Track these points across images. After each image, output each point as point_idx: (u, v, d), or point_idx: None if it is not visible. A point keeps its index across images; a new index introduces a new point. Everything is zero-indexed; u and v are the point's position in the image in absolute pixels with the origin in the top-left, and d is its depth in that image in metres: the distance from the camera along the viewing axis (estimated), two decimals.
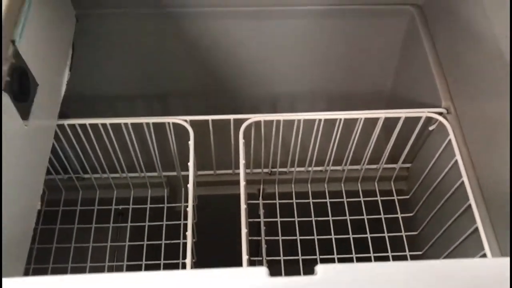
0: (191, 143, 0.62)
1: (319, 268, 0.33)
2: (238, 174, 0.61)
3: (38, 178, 0.57)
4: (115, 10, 0.73)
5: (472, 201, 0.59)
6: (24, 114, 0.51)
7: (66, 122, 0.63)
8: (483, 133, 0.60)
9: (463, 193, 0.61)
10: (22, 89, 0.50)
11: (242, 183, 0.59)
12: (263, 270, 0.33)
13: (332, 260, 0.74)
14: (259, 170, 0.78)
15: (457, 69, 0.66)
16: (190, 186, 0.58)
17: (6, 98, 0.47)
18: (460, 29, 0.64)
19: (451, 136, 0.63)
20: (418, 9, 0.75)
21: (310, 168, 0.77)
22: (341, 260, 0.75)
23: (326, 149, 0.74)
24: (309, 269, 0.34)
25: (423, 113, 0.66)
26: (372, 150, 0.73)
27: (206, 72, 0.81)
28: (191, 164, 0.60)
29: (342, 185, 0.79)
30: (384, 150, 0.74)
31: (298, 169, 0.78)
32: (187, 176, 0.61)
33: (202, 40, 0.77)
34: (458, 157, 0.62)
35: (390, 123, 0.69)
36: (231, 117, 0.65)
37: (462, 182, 0.61)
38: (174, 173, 0.77)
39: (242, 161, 0.61)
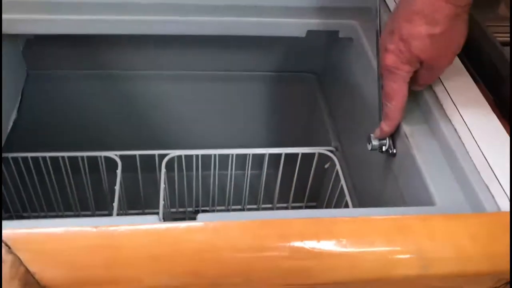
0: (118, 171, 0.72)
1: (200, 215, 0.44)
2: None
3: None
4: (58, 71, 0.86)
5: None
6: None
7: (10, 155, 0.73)
8: (357, 164, 0.75)
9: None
10: None
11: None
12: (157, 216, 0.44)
13: None
14: (184, 209, 0.88)
15: (341, 118, 0.82)
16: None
17: None
18: (342, 88, 0.81)
19: (338, 168, 0.77)
20: (316, 76, 0.93)
21: (229, 207, 0.88)
22: None
23: (243, 186, 0.85)
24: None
25: (316, 150, 0.80)
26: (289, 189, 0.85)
27: (137, 125, 0.93)
28: (117, 188, 0.70)
29: None
30: (303, 189, 0.86)
31: (218, 207, 0.88)
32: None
33: (135, 98, 0.91)
34: (342, 182, 0.75)
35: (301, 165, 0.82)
36: (156, 152, 0.77)
37: (346, 202, 0.73)
38: (106, 212, 0.86)
39: (161, 201, 0.70)
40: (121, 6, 0.68)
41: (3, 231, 0.34)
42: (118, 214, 0.69)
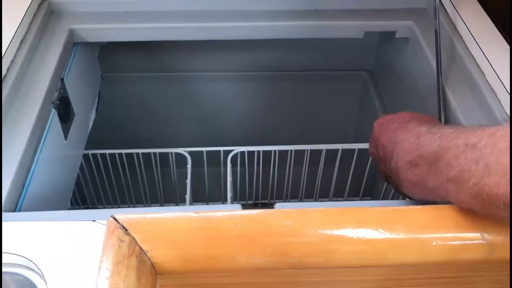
0: (188, 166, 0.78)
1: (277, 205, 0.49)
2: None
3: (68, 188, 0.72)
4: (128, 74, 0.93)
5: None
6: (65, 133, 0.68)
7: (90, 152, 0.80)
8: None
9: None
10: (65, 113, 0.68)
11: None
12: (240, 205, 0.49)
13: None
14: (244, 202, 0.93)
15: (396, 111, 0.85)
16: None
17: (55, 116, 0.64)
18: (396, 85, 0.84)
19: None
20: (369, 73, 0.96)
21: (287, 200, 0.93)
22: None
23: (298, 181, 0.90)
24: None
25: None
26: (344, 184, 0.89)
27: (201, 123, 0.99)
28: (188, 181, 0.76)
29: None
30: (356, 183, 0.90)
31: (277, 201, 0.93)
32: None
33: (198, 98, 0.97)
34: None
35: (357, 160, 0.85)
36: (221, 148, 0.82)
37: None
38: (174, 205, 0.92)
39: (229, 193, 0.76)
40: (185, 14, 0.74)
41: (120, 216, 0.40)
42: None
